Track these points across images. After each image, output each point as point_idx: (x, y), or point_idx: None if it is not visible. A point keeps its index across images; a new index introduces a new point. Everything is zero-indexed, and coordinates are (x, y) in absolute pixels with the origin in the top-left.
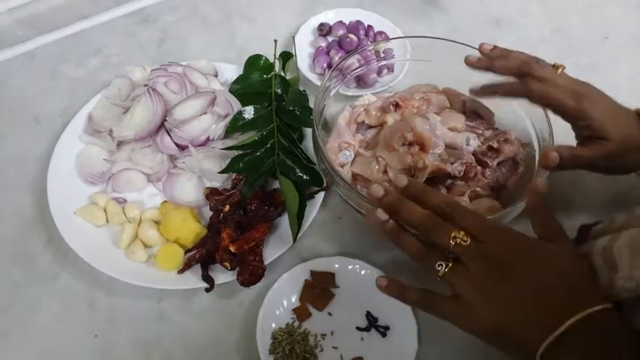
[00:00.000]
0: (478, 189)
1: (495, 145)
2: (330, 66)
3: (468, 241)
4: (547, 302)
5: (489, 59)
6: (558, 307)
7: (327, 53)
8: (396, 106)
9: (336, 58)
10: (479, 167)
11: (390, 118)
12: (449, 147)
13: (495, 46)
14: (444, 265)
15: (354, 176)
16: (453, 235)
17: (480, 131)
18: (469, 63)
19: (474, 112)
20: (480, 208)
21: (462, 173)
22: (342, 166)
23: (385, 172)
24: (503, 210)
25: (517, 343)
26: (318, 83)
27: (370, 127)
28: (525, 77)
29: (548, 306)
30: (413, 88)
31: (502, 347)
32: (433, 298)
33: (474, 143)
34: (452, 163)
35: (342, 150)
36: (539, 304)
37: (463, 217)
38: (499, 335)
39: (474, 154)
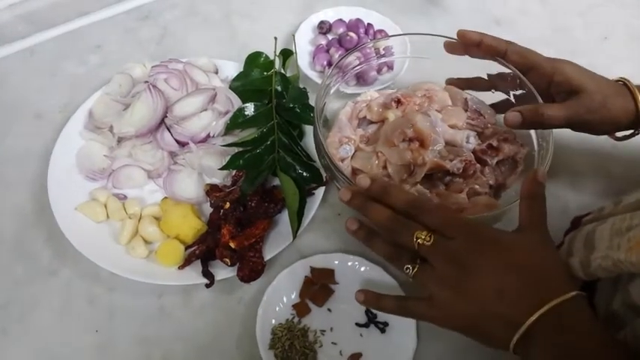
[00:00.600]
0: (477, 187)
1: (495, 143)
2: (330, 64)
3: (431, 241)
4: (513, 296)
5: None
6: (525, 300)
7: (327, 51)
8: (398, 102)
9: (336, 56)
10: (478, 165)
11: (392, 115)
12: (449, 144)
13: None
14: (412, 268)
15: (354, 171)
16: (415, 235)
17: (481, 129)
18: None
19: (476, 111)
20: (478, 206)
21: (460, 170)
22: (342, 160)
23: (385, 167)
24: (500, 207)
25: (491, 337)
26: (318, 81)
27: (371, 122)
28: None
29: (515, 300)
30: (415, 85)
31: (480, 340)
32: (408, 303)
33: (474, 141)
34: (451, 160)
35: (343, 144)
36: (506, 298)
37: (427, 215)
38: (474, 330)
39: (474, 152)
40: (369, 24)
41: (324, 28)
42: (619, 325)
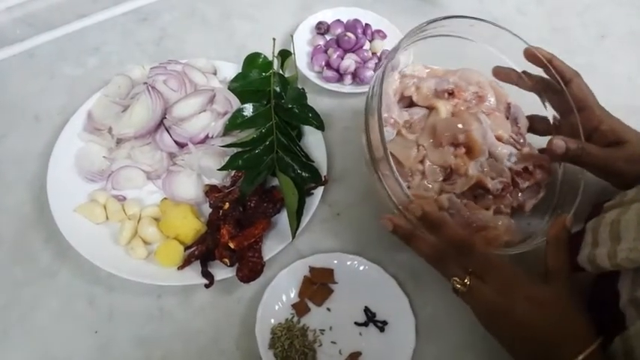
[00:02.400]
0: (502, 206)
1: (531, 168)
2: (328, 64)
3: (467, 288)
4: (544, 349)
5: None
6: (555, 353)
7: (325, 51)
8: (451, 94)
9: (334, 57)
10: (511, 187)
11: (442, 107)
12: (491, 156)
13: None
14: (457, 293)
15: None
16: (452, 279)
17: (520, 147)
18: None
19: (515, 120)
20: (500, 227)
21: (499, 191)
22: None
23: (422, 162)
24: (519, 230)
25: None
26: (316, 81)
27: (413, 104)
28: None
29: (545, 353)
30: (465, 73)
31: None
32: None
33: (513, 160)
34: (492, 178)
35: (387, 125)
36: (537, 350)
37: (468, 259)
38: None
39: (509, 169)
40: (366, 24)
41: (322, 28)
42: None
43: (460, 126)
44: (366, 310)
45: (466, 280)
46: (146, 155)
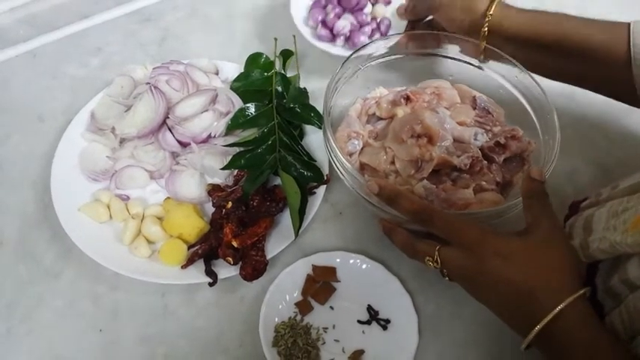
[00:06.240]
0: (483, 183)
1: (503, 141)
2: (324, 22)
3: (439, 265)
4: (512, 308)
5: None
6: (526, 310)
7: (324, 7)
8: (407, 99)
9: (332, 15)
10: (485, 161)
11: (401, 111)
12: (457, 141)
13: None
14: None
15: (362, 165)
16: (426, 259)
17: (489, 127)
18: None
19: (484, 109)
20: (485, 202)
21: (467, 166)
22: (351, 155)
23: (393, 162)
24: (504, 203)
25: (508, 324)
26: (309, 38)
27: (380, 119)
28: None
29: (516, 311)
30: (424, 83)
31: None
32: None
33: (482, 138)
34: (458, 156)
35: (351, 139)
36: (507, 310)
37: (433, 226)
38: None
39: (482, 149)
40: None
41: None
42: (615, 302)
43: (413, 118)
44: (369, 308)
45: (436, 256)
46: (149, 155)
